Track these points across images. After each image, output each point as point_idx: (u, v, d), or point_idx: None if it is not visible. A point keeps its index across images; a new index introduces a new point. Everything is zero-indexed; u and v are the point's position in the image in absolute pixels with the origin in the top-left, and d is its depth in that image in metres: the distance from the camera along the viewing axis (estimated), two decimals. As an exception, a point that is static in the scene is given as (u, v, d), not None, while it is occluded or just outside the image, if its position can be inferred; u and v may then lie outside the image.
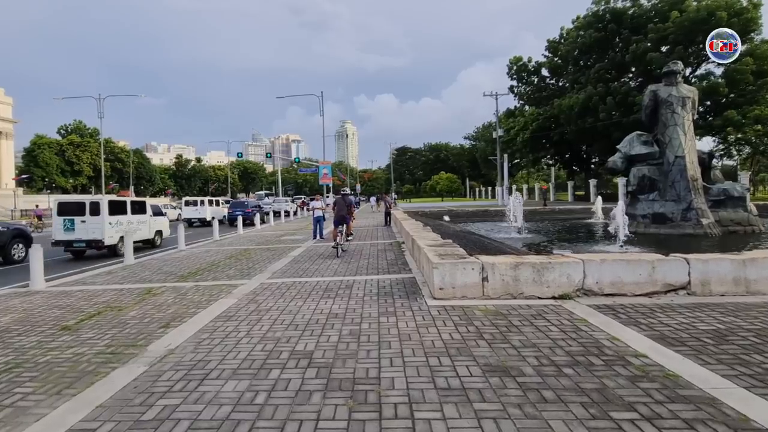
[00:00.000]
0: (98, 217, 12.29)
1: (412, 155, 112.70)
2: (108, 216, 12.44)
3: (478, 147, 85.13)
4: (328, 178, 30.51)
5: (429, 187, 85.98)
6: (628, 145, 15.70)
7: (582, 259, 5.38)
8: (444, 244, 7.47)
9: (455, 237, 11.27)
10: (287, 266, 8.66)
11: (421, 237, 8.70)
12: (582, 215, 24.72)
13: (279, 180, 55.71)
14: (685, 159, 14.24)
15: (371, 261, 9.00)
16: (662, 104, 14.77)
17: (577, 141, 45.46)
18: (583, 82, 39.88)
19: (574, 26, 42.28)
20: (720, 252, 6.72)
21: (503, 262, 5.37)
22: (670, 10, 33.78)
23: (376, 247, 11.59)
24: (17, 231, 12.50)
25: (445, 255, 6.03)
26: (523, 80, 49.61)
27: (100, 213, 12.31)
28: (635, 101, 33.91)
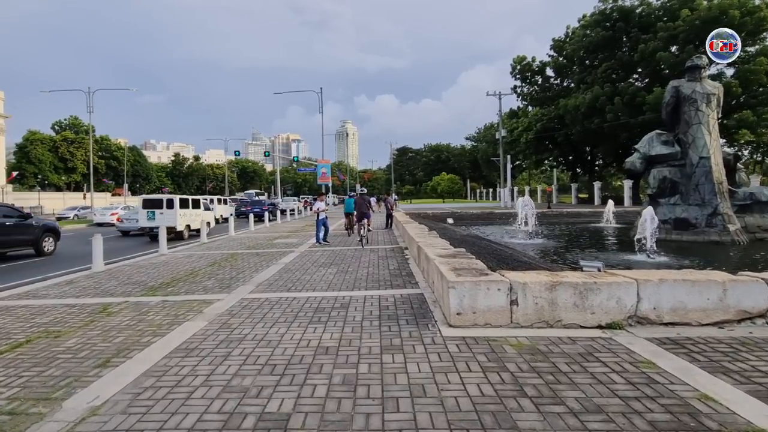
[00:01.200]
0: (172, 210, 16.00)
1: (412, 156, 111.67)
2: (179, 209, 16.17)
3: (480, 148, 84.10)
4: (327, 178, 29.39)
5: (430, 188, 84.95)
6: (647, 144, 14.64)
7: (635, 278, 4.31)
8: (456, 254, 6.40)
9: (464, 243, 10.20)
10: (276, 276, 7.58)
11: (428, 244, 7.63)
12: (591, 219, 23.67)
13: (278, 179, 54.56)
14: (710, 160, 13.19)
15: (371, 271, 7.92)
16: (685, 101, 13.72)
17: (582, 142, 44.48)
18: (590, 82, 38.88)
19: (580, 25, 41.30)
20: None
21: (536, 281, 4.30)
22: (680, 9, 32.79)
23: (376, 253, 10.50)
24: (48, 226, 13.76)
25: (461, 270, 4.96)
26: (526, 80, 48.57)
27: (174, 207, 16.01)
28: (644, 102, 32.95)
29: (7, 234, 11.95)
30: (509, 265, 7.06)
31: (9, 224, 12.15)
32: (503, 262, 7.22)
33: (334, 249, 11.37)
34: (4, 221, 12.08)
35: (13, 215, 12.66)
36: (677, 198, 13.85)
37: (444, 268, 5.04)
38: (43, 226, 13.40)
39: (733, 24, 29.83)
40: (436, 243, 7.95)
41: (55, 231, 13.77)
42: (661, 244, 13.40)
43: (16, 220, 12.50)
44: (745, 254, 11.09)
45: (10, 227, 12.13)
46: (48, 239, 13.31)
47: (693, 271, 4.60)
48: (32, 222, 13.04)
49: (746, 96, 31.67)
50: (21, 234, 12.47)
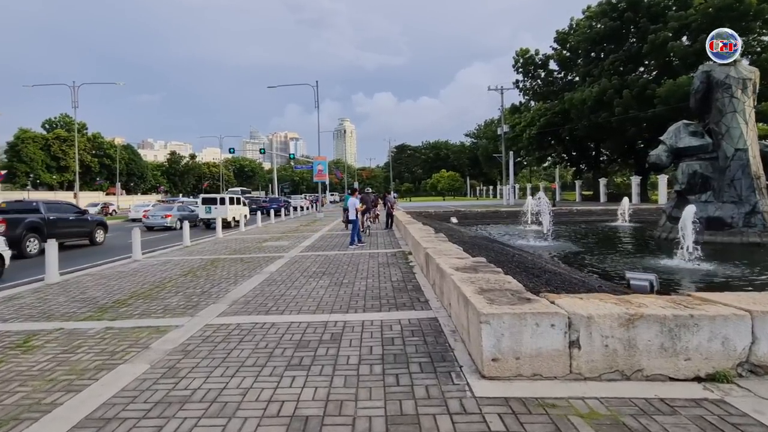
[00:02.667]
0: (224, 205, 20.94)
1: (411, 153, 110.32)
2: (228, 205, 21.12)
3: (480, 145, 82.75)
4: (323, 175, 28.02)
5: (429, 185, 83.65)
6: (674, 136, 13.38)
7: (747, 309, 3.04)
8: (476, 265, 5.12)
9: (476, 247, 8.94)
10: (257, 290, 6.30)
11: (439, 252, 6.35)
12: (603, 217, 22.46)
13: (275, 177, 53.23)
14: (747, 152, 11.94)
15: (371, 283, 6.64)
16: (717, 87, 12.45)
17: (588, 137, 43.20)
18: (596, 74, 37.56)
19: (585, 16, 39.96)
20: None
21: (604, 313, 3.02)
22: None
23: (376, 259, 9.23)
24: (99, 221, 16.17)
25: (489, 291, 3.69)
26: (529, 74, 47.25)
27: (225, 203, 21.05)
28: (654, 95, 31.63)
29: (71, 227, 14.38)
30: (537, 278, 5.80)
31: (72, 218, 14.57)
32: (530, 275, 5.94)
33: (328, 254, 10.09)
34: (68, 216, 14.51)
35: (73, 211, 15.15)
36: (709, 195, 12.61)
37: (467, 289, 3.76)
38: (95, 220, 15.91)
39: (749, 11, 28.58)
40: (448, 249, 6.68)
41: (104, 225, 16.31)
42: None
43: (76, 215, 14.98)
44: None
45: (73, 221, 14.54)
46: (99, 232, 15.65)
47: None
48: (87, 217, 15.56)
49: (762, 87, 30.35)
50: (81, 227, 14.81)
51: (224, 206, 20.84)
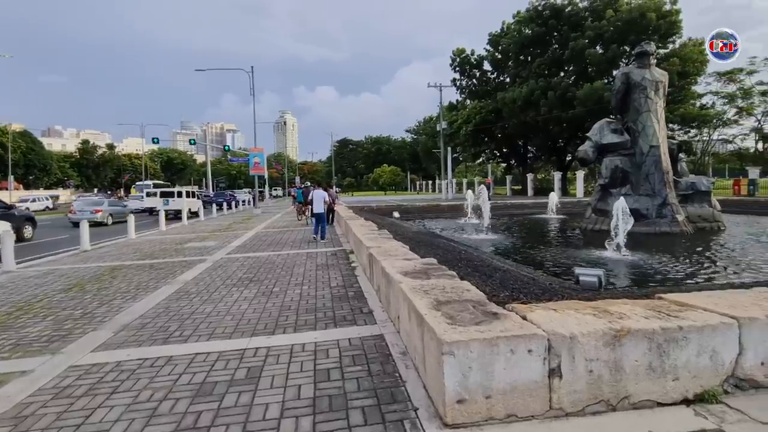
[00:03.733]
0: (181, 198, 23.00)
1: (353, 148, 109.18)
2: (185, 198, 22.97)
3: (420, 140, 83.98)
4: (260, 168, 26.00)
5: (371, 180, 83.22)
6: (598, 133, 13.88)
7: (735, 316, 2.61)
8: (427, 268, 4.41)
9: (421, 244, 8.32)
10: (159, 308, 5.04)
11: (384, 252, 5.57)
12: (534, 210, 23.31)
13: (209, 171, 49.13)
14: (659, 149, 12.65)
15: (306, 291, 5.68)
16: (635, 88, 13.05)
17: (518, 135, 45.29)
18: (525, 76, 39.26)
19: (515, 21, 41.50)
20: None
21: (588, 330, 2.42)
22: (605, 9, 33.86)
23: (314, 259, 8.25)
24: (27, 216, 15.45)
25: (447, 303, 2.97)
26: (465, 73, 48.30)
27: (183, 196, 23.20)
28: (574, 97, 33.72)
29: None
30: (490, 278, 5.26)
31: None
32: (483, 275, 5.38)
33: (259, 256, 8.89)
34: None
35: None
36: (628, 188, 13.23)
37: (421, 302, 3.01)
38: (22, 215, 15.16)
39: (650, 26, 31.38)
40: (393, 249, 5.93)
41: (32, 220, 15.47)
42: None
43: (2, 210, 14.09)
44: (700, 244, 10.52)
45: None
46: (27, 227, 14.71)
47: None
48: (15, 212, 14.87)
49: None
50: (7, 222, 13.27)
51: (181, 199, 22.69)
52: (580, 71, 36.11)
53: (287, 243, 11.09)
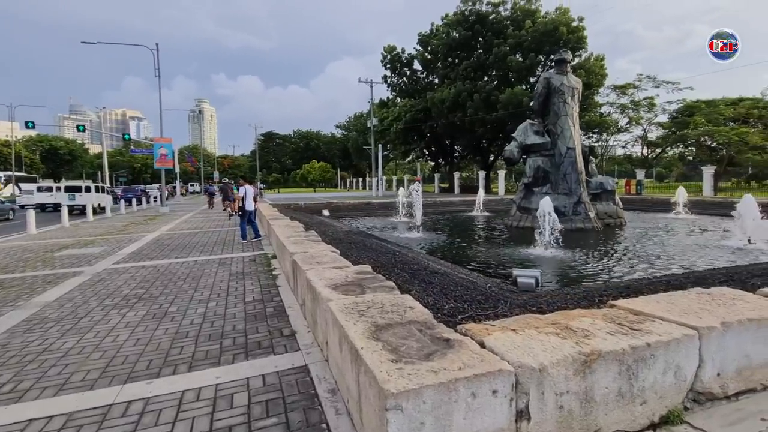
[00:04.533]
0: (90, 193, 22.70)
1: (280, 142, 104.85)
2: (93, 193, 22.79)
3: (350, 137, 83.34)
4: (168, 161, 23.16)
5: (300, 176, 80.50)
6: (522, 134, 14.53)
7: (695, 326, 2.43)
8: (361, 279, 3.84)
9: (353, 246, 7.74)
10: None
11: (309, 258, 4.88)
12: (461, 207, 24.08)
13: (105, 163, 42.97)
14: (575, 151, 13.61)
15: (213, 309, 4.77)
16: (555, 93, 13.89)
17: (446, 135, 46.85)
18: (453, 78, 40.66)
19: (443, 23, 42.80)
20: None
21: (559, 360, 2.03)
22: (524, 20, 36.34)
23: (228, 267, 7.22)
24: None
25: (389, 329, 2.43)
26: (396, 71, 48.73)
27: (91, 191, 22.94)
28: (497, 100, 35.74)
29: None
30: (430, 284, 4.86)
31: None
32: (421, 280, 4.96)
33: (158, 264, 7.57)
34: None
35: None
36: (548, 187, 14.05)
37: (355, 329, 2.42)
38: None
39: (562, 38, 34.35)
40: (321, 254, 5.26)
41: None
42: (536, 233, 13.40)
43: None
44: (611, 239, 11.44)
45: None
46: None
47: (744, 294, 3.00)
48: None
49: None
50: None
51: (90, 194, 22.06)
52: (503, 76, 38.37)
53: (196, 247, 9.76)
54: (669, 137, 34.88)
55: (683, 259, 8.09)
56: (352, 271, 4.15)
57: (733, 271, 5.12)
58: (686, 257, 8.27)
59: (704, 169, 24.62)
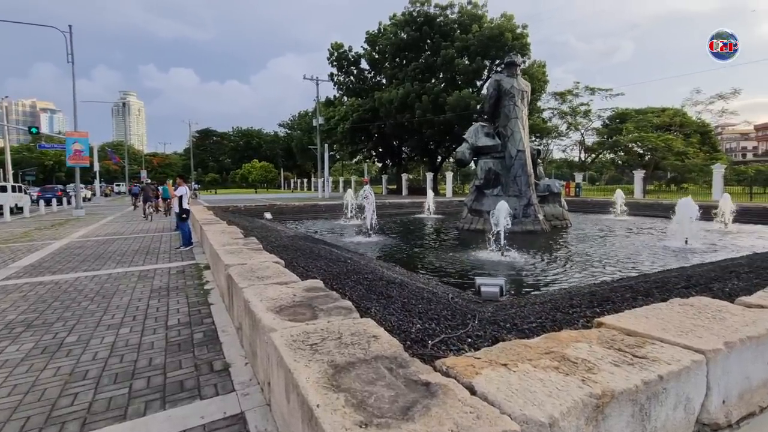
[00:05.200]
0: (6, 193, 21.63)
1: (218, 140, 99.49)
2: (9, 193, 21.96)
3: (294, 136, 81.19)
4: (83, 158, 20.50)
5: (239, 176, 76.73)
6: (473, 135, 14.67)
7: (701, 350, 2.18)
8: (311, 298, 3.27)
9: (300, 253, 7.09)
10: None
11: (248, 272, 4.20)
12: (411, 209, 24.05)
13: (8, 160, 37.71)
14: (525, 153, 13.97)
15: (124, 338, 3.92)
16: (505, 95, 14.17)
17: (394, 136, 47.01)
18: (401, 78, 40.89)
19: (391, 23, 42.95)
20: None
21: (569, 408, 1.64)
22: (471, 24, 37.50)
23: (149, 281, 6.25)
24: None
25: (349, 370, 1.92)
26: (343, 69, 48.12)
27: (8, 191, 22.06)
28: (445, 102, 36.47)
29: None
30: (388, 299, 4.40)
31: None
32: (379, 295, 4.48)
33: (60, 279, 6.38)
34: None
35: None
36: (499, 189, 14.29)
37: (307, 375, 1.87)
38: None
39: (507, 44, 35.90)
40: (263, 266, 4.59)
41: None
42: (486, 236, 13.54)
43: None
44: (561, 241, 11.80)
45: None
46: None
47: (726, 305, 2.84)
48: None
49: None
50: None
51: (6, 194, 21.61)
52: (450, 79, 39.26)
53: (112, 257, 8.49)
54: (604, 143, 37.83)
55: (634, 261, 8.41)
56: (301, 288, 3.55)
57: (688, 274, 5.24)
58: (636, 258, 8.62)
59: (636, 173, 26.84)
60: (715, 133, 41.06)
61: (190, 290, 5.70)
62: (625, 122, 35.36)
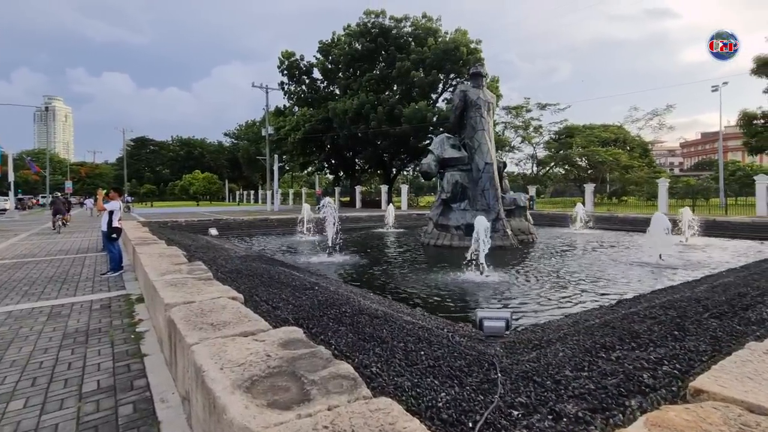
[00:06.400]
0: None
1: (155, 149, 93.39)
2: None
3: (241, 146, 77.96)
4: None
5: (180, 188, 71.95)
6: (439, 147, 14.32)
7: None
8: (293, 359, 2.37)
9: (259, 281, 6.06)
10: None
11: (197, 318, 3.17)
12: (370, 223, 23.37)
13: None
14: (493, 166, 13.82)
15: (14, 419, 2.76)
16: (471, 106, 14.00)
17: (348, 147, 46.36)
18: (355, 89, 40.54)
19: (345, 33, 42.64)
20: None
21: None
22: (426, 37, 38.14)
23: (62, 320, 4.92)
24: None
25: None
26: (294, 78, 46.96)
27: None
28: (401, 114, 36.49)
29: None
30: (383, 346, 3.58)
31: None
32: (364, 338, 3.65)
33: None
34: None
35: None
36: (467, 203, 13.99)
37: None
38: None
39: (462, 58, 36.84)
40: (218, 307, 3.57)
41: None
42: (456, 252, 13.08)
43: None
44: (536, 257, 11.58)
45: None
46: None
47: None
48: None
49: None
50: None
51: None
52: (406, 90, 39.50)
53: (16, 287, 6.87)
54: (555, 156, 39.79)
55: (621, 279, 8.19)
56: (275, 342, 2.63)
57: (696, 297, 4.93)
58: (622, 276, 8.42)
59: (586, 186, 28.16)
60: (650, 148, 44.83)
61: (117, 334, 4.49)
62: (573, 137, 37.47)
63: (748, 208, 22.48)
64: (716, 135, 71.60)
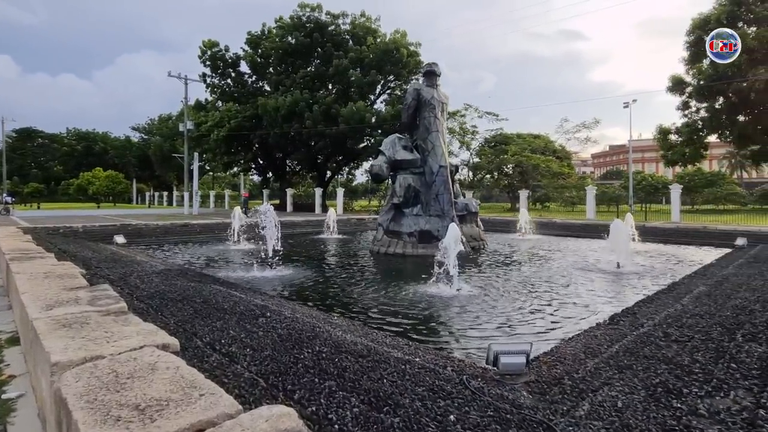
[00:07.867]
0: None
1: (45, 142, 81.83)
2: None
3: (153, 142, 70.90)
4: None
5: (76, 187, 63.12)
6: (390, 148, 13.58)
7: None
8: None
9: (189, 305, 4.70)
10: None
11: (106, 395, 1.88)
12: (308, 229, 22.02)
13: None
14: (447, 169, 13.40)
15: None
16: (425, 106, 13.47)
17: (278, 147, 44.09)
18: (288, 85, 38.66)
19: (277, 26, 40.54)
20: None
21: None
22: (365, 36, 37.61)
23: None
24: None
25: None
26: (218, 70, 43.58)
27: None
28: (338, 113, 35.43)
29: None
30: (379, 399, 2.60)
31: None
32: (349, 389, 2.65)
33: None
34: None
35: None
36: (419, 208, 13.40)
37: None
38: None
39: (402, 60, 36.87)
40: (143, 367, 2.31)
41: None
42: (410, 261, 12.42)
43: None
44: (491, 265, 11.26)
45: None
46: None
47: None
48: None
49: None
50: None
51: None
52: (343, 90, 38.53)
53: None
54: (492, 162, 41.43)
55: (588, 288, 8.02)
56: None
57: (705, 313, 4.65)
58: (588, 285, 8.27)
59: (521, 192, 29.44)
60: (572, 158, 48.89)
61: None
62: (508, 144, 39.40)
63: (663, 214, 24.86)
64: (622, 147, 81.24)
